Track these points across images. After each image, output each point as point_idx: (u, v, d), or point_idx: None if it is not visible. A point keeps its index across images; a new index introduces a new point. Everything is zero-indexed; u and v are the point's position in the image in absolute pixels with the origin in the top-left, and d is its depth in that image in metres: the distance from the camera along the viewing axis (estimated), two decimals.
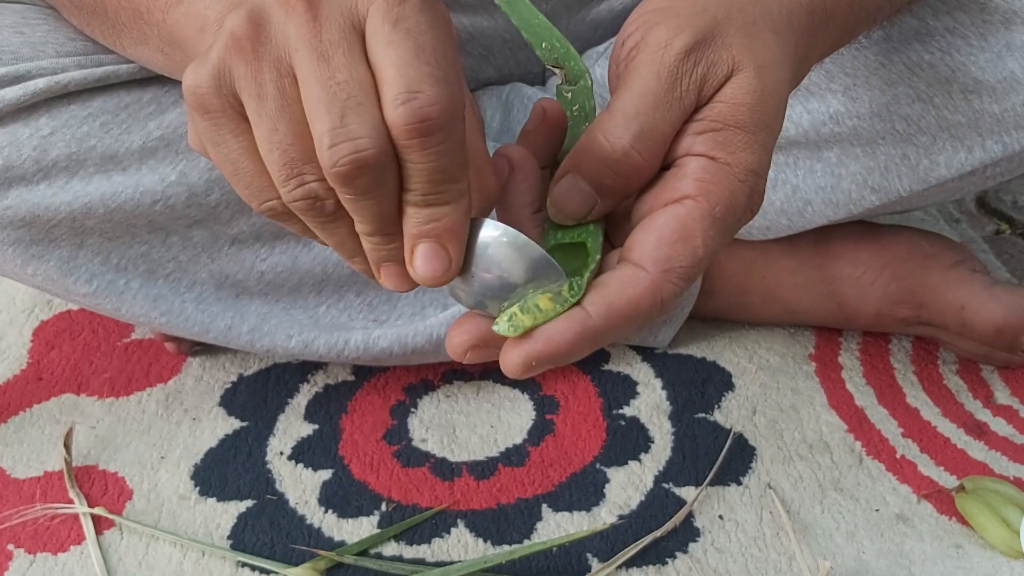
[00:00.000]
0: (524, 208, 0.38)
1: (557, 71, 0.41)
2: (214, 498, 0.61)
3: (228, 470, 0.63)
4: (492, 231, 0.34)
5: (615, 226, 0.39)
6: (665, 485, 0.61)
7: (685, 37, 0.36)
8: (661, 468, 0.63)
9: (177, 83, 0.57)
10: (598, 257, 0.37)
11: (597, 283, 0.35)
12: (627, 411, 0.67)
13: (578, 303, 0.35)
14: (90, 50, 0.55)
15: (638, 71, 0.36)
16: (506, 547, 0.57)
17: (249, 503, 0.60)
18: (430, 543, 0.58)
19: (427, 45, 0.31)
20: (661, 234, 0.35)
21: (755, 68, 0.36)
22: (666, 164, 0.37)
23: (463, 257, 0.34)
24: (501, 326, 0.34)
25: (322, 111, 0.30)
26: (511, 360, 0.34)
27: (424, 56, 0.31)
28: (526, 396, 0.69)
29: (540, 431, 0.66)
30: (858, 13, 0.44)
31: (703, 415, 0.67)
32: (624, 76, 0.37)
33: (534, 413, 0.67)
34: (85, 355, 0.73)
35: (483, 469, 0.63)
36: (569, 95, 0.40)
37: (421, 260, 0.33)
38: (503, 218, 0.38)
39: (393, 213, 0.33)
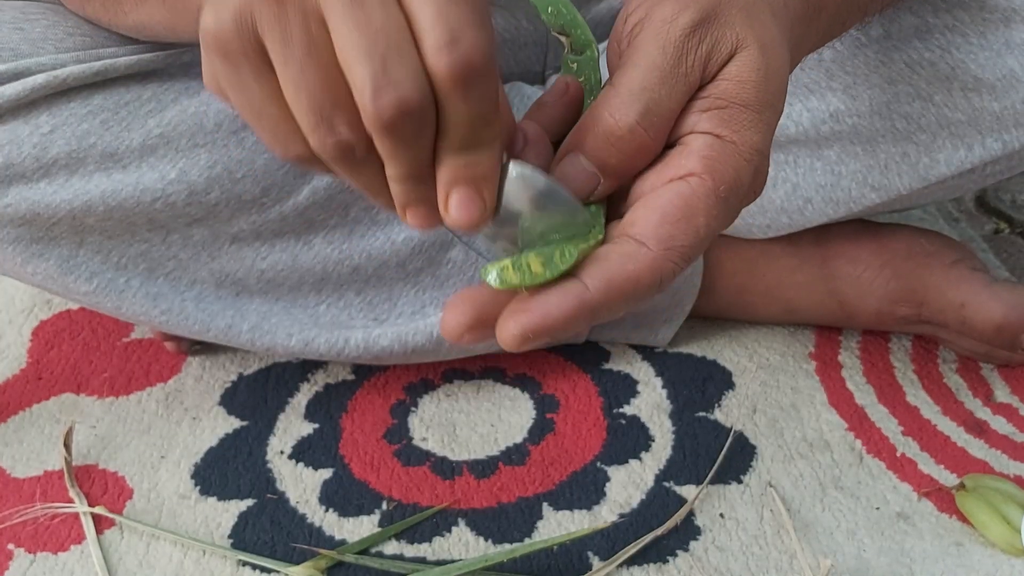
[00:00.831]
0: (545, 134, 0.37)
1: (563, 38, 0.39)
2: (214, 497, 0.61)
3: (228, 469, 0.63)
4: (512, 170, 0.34)
5: (612, 206, 0.38)
6: (666, 484, 0.61)
7: (690, 13, 0.35)
8: (662, 467, 0.63)
9: (177, 80, 0.58)
10: (600, 237, 0.36)
11: (596, 256, 0.34)
12: (627, 410, 0.67)
13: (573, 275, 0.34)
14: (88, 45, 0.55)
15: (643, 47, 0.36)
16: (507, 546, 0.57)
17: (250, 502, 0.60)
18: (431, 542, 0.58)
19: None
20: (664, 211, 0.34)
21: (759, 46, 0.36)
22: (669, 142, 0.36)
23: (495, 201, 0.33)
24: (491, 276, 0.33)
25: (362, 57, 0.29)
26: (508, 331, 0.33)
27: (462, 2, 0.30)
28: (526, 395, 0.69)
29: (541, 430, 0.66)
30: (850, 5, 0.44)
31: (703, 414, 0.67)
32: (628, 52, 0.36)
33: (534, 412, 0.67)
34: (85, 354, 0.72)
35: (484, 468, 0.63)
36: (575, 66, 0.39)
37: (457, 205, 0.32)
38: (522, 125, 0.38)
39: (429, 158, 0.32)
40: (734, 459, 0.63)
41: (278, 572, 0.56)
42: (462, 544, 0.58)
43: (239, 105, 0.33)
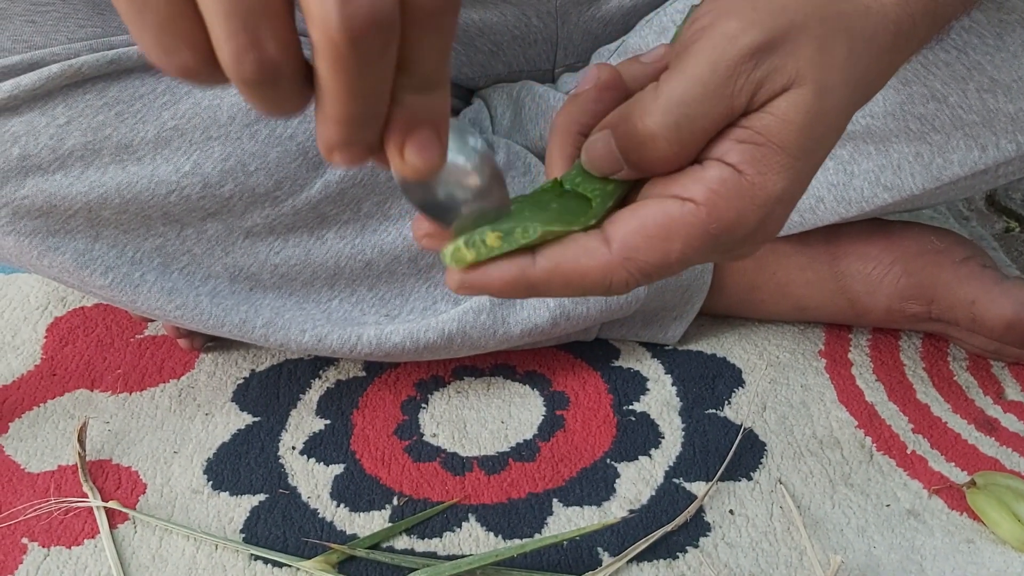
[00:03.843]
0: (574, 124, 0.37)
1: None
2: (227, 492, 0.61)
3: (241, 464, 0.63)
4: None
5: (634, 190, 0.38)
6: (675, 480, 0.62)
7: (754, 34, 0.34)
8: (671, 463, 0.63)
9: None
10: (590, 223, 0.36)
11: (563, 239, 0.35)
12: (637, 407, 0.68)
13: (531, 248, 0.34)
14: (100, 34, 0.56)
15: (696, 56, 0.34)
16: (517, 541, 0.58)
17: (262, 497, 0.61)
18: (441, 537, 0.58)
19: None
20: (644, 223, 0.34)
21: (817, 87, 0.34)
22: (697, 158, 0.35)
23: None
24: (447, 256, 0.34)
25: None
26: (449, 278, 0.35)
27: None
28: (536, 392, 0.69)
29: (550, 426, 0.66)
30: (939, 24, 0.42)
31: (713, 411, 0.67)
32: (681, 57, 0.35)
33: (544, 409, 0.68)
34: (99, 351, 0.73)
35: (494, 464, 0.63)
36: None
37: (417, 149, 0.29)
38: (556, 119, 0.38)
39: (384, 92, 0.28)
40: (744, 456, 0.63)
41: (290, 566, 0.56)
42: (472, 539, 0.58)
43: None
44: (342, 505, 0.60)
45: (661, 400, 0.68)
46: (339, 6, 0.25)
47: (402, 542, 0.58)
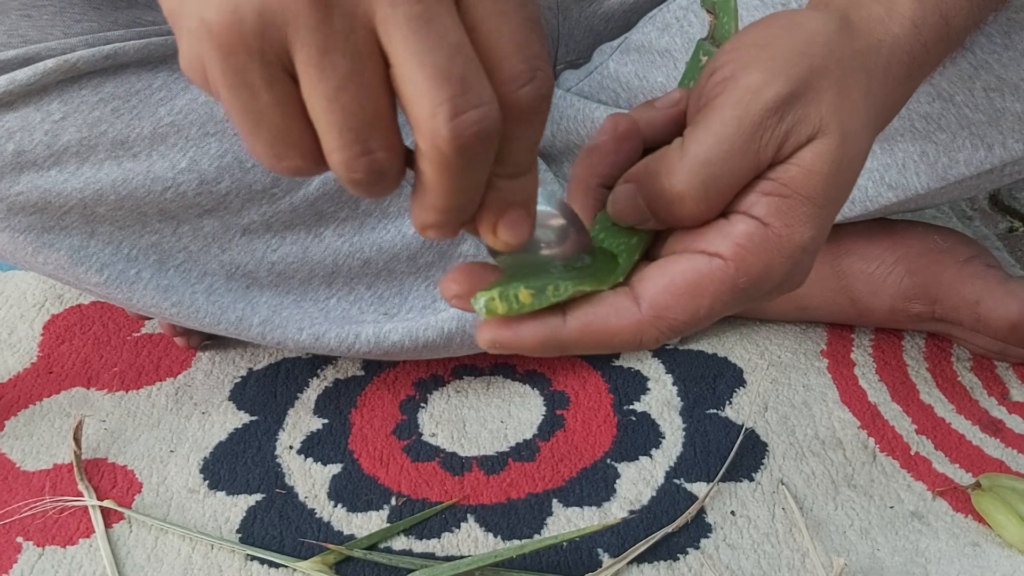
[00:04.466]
0: (594, 177, 0.38)
1: (708, 17, 0.39)
2: (223, 491, 0.60)
3: (237, 464, 0.62)
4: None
5: (660, 238, 0.38)
6: (676, 481, 0.61)
7: (777, 87, 0.34)
8: (672, 463, 0.62)
9: None
10: (620, 279, 0.36)
11: (593, 297, 0.35)
12: (638, 407, 0.67)
13: (561, 307, 0.35)
14: (96, 29, 0.55)
15: (720, 112, 0.34)
16: (516, 542, 0.57)
17: (258, 497, 0.60)
18: (440, 537, 0.57)
19: (534, 15, 0.29)
20: (672, 281, 0.34)
21: (840, 135, 0.34)
22: (724, 211, 0.35)
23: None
24: (479, 306, 0.34)
25: (437, 77, 0.27)
26: (483, 335, 0.34)
27: (537, 31, 0.29)
28: (536, 392, 0.69)
29: (550, 426, 0.65)
30: (952, 47, 0.42)
31: (714, 411, 0.67)
32: (705, 113, 0.35)
33: (544, 408, 0.67)
34: (95, 349, 0.72)
35: (493, 464, 0.63)
36: (706, 58, 0.38)
37: (509, 227, 0.32)
38: (575, 171, 0.38)
39: (482, 186, 0.31)
40: (745, 456, 0.63)
41: (286, 567, 0.55)
42: (471, 540, 0.57)
43: (234, 108, 0.29)
44: (340, 505, 0.60)
45: (662, 400, 0.67)
46: (448, 122, 0.27)
47: (400, 543, 0.57)
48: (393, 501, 0.60)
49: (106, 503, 0.59)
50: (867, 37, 0.37)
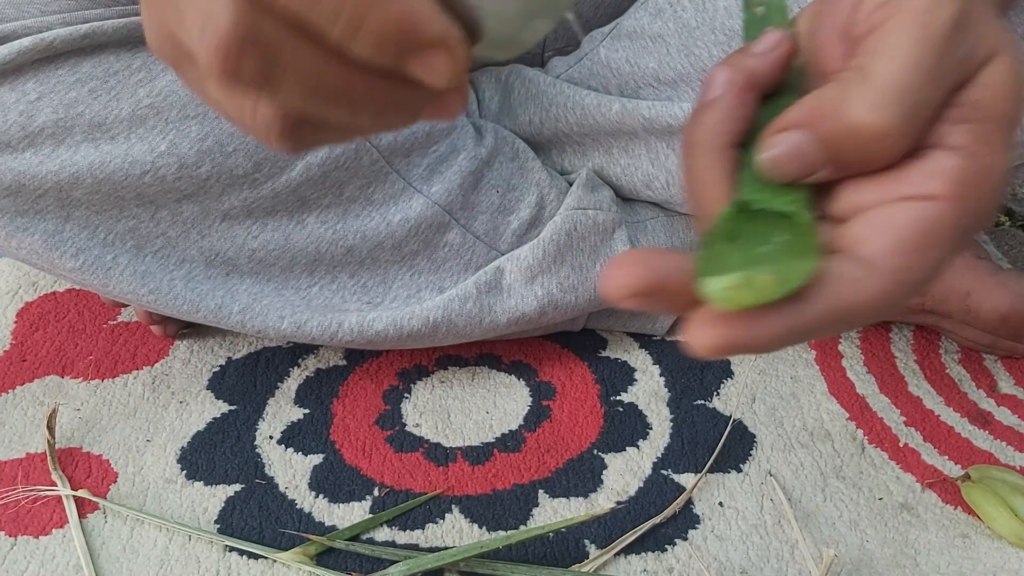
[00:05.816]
0: (721, 136, 0.33)
1: None
2: (201, 482, 0.59)
3: (216, 454, 0.61)
4: None
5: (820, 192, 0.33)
6: (664, 472, 0.60)
7: (952, 4, 0.30)
8: (660, 454, 0.61)
9: None
10: (815, 242, 0.30)
11: (819, 275, 0.29)
12: (625, 397, 0.66)
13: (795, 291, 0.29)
14: (74, 7, 0.54)
15: (895, 36, 0.30)
16: (501, 533, 0.56)
17: (237, 487, 0.59)
18: (424, 528, 0.56)
19: None
20: (900, 237, 0.29)
21: (1011, 52, 0.31)
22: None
23: None
24: (715, 291, 0.27)
25: None
26: (705, 338, 0.28)
27: None
28: (522, 382, 0.68)
29: (536, 417, 0.64)
30: None
31: (702, 402, 0.66)
32: (872, 40, 0.31)
33: (530, 399, 0.66)
34: (70, 337, 0.71)
35: (478, 454, 0.61)
36: (760, 9, 0.35)
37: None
38: (691, 136, 0.33)
39: None
40: (733, 448, 0.62)
41: (266, 558, 0.54)
42: (456, 531, 0.56)
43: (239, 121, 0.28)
44: (321, 496, 0.58)
45: (649, 391, 0.67)
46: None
47: (383, 534, 0.56)
48: (376, 492, 0.59)
49: (80, 493, 0.57)
50: None
